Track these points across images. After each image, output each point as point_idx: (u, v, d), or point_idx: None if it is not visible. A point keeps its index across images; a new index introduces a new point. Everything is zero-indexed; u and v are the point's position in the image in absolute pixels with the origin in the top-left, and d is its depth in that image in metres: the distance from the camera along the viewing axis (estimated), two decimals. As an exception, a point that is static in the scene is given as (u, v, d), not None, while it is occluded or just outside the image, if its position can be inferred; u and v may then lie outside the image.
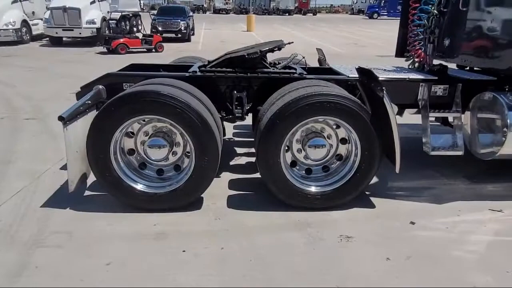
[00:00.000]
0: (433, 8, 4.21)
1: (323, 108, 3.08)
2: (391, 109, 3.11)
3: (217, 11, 56.08)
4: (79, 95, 3.57)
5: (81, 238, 2.91)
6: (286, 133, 3.14)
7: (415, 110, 4.08)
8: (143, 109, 3.03)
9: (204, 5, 58.63)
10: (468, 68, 4.59)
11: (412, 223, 3.25)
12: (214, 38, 20.15)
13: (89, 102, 3.32)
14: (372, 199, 3.61)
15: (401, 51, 4.85)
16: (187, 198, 3.22)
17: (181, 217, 3.20)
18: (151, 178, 3.32)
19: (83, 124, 3.17)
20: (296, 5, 58.56)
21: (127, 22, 14.51)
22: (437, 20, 4.28)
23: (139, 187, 3.22)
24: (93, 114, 3.28)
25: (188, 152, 3.22)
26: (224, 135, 3.86)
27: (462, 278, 2.59)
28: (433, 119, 4.97)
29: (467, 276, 2.62)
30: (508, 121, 3.46)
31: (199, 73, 3.66)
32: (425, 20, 4.25)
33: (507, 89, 3.85)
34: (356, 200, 3.44)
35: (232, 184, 3.83)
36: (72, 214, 3.23)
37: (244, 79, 3.67)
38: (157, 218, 3.16)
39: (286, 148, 3.35)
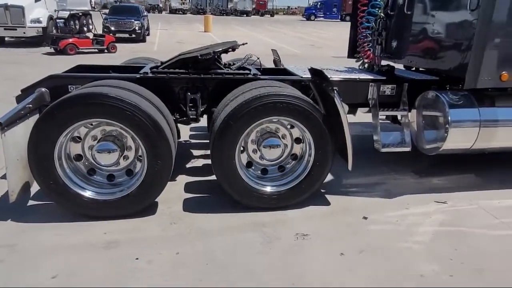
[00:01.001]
0: (380, 11, 4.39)
1: (276, 108, 3.11)
2: (342, 108, 3.20)
3: (173, 11, 55.02)
4: (19, 99, 3.34)
5: (24, 251, 2.72)
6: (241, 134, 3.14)
7: (367, 109, 4.23)
8: (89, 113, 2.88)
9: (160, 5, 57.22)
10: (414, 68, 4.83)
11: (365, 218, 3.36)
12: (170, 38, 19.77)
13: (31, 105, 3.12)
14: (327, 196, 3.70)
15: (352, 52, 5.02)
16: (140, 204, 3.12)
17: (134, 223, 3.09)
18: (101, 184, 3.17)
19: (24, 129, 2.96)
20: (254, 6, 58.96)
21: (77, 22, 13.84)
22: (384, 23, 4.47)
23: (88, 194, 3.06)
24: (35, 118, 3.07)
25: (141, 156, 3.12)
26: (179, 137, 3.78)
27: (410, 268, 2.71)
28: (384, 117, 5.21)
29: (415, 266, 2.75)
30: (449, 118, 3.68)
31: (150, 75, 3.56)
32: (373, 23, 4.42)
33: (448, 88, 4.10)
34: (311, 198, 3.50)
35: (188, 187, 3.76)
36: (14, 226, 3.01)
37: (197, 80, 3.62)
38: (108, 226, 3.02)
39: (242, 148, 3.35)
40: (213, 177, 3.41)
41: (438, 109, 3.82)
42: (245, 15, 54.38)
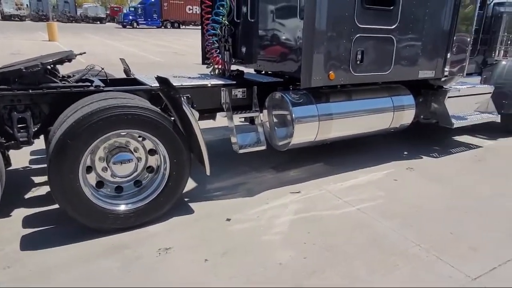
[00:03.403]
0: (223, 19, 4.55)
1: (120, 121, 2.91)
2: (192, 115, 3.20)
3: (7, 17, 47.17)
4: None
5: None
6: (82, 152, 2.83)
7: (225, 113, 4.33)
8: None
9: (-13, 11, 48.54)
10: (263, 72, 5.17)
11: (228, 219, 3.43)
12: (3, 50, 16.87)
13: None
14: (190, 204, 3.66)
15: (206, 59, 5.10)
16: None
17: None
18: None
19: None
20: (108, 12, 55.24)
21: None
22: (230, 30, 4.66)
23: None
24: None
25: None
26: (9, 165, 3.21)
27: (270, 259, 2.88)
28: (243, 119, 5.45)
29: (274, 256, 2.92)
30: (293, 115, 4.06)
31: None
32: (218, 30, 4.56)
33: (291, 88, 4.52)
34: (174, 209, 3.41)
35: (28, 222, 3.22)
36: None
37: (25, 97, 3.13)
38: None
39: (88, 168, 3.03)
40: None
41: (284, 108, 4.18)
42: (98, 22, 50.46)
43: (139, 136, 3.21)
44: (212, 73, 4.87)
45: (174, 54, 18.36)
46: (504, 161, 5.25)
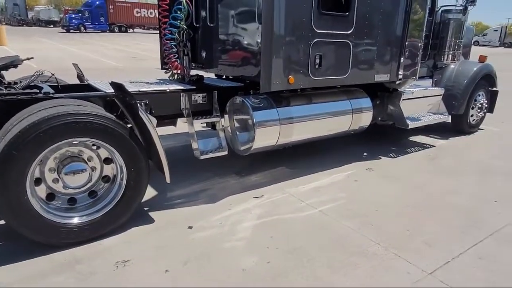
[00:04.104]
0: (181, 23, 4.47)
1: (71, 129, 2.75)
2: (149, 121, 3.10)
3: (-50, 21, 44.16)
4: None
5: None
6: (29, 164, 2.65)
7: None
8: None
9: None
10: (224, 76, 5.14)
11: (190, 227, 3.35)
12: None
13: None
14: (150, 213, 3.54)
15: (164, 64, 4.99)
16: None
17: None
18: None
19: None
20: (62, 16, 52.81)
21: None
22: (188, 34, 4.58)
23: None
24: None
25: None
26: None
27: (233, 266, 2.84)
28: (205, 125, 5.38)
29: (237, 262, 2.88)
30: (254, 119, 4.06)
31: None
32: (176, 34, 4.47)
33: (252, 93, 4.52)
34: (132, 219, 3.28)
35: (-30, 240, 2.99)
36: None
37: (-35, 105, 2.90)
38: None
39: (37, 180, 2.85)
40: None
41: (245, 113, 4.16)
42: (51, 26, 48.14)
43: (93, 145, 3.06)
44: (171, 78, 4.77)
45: (133, 59, 17.89)
46: (455, 159, 5.55)
